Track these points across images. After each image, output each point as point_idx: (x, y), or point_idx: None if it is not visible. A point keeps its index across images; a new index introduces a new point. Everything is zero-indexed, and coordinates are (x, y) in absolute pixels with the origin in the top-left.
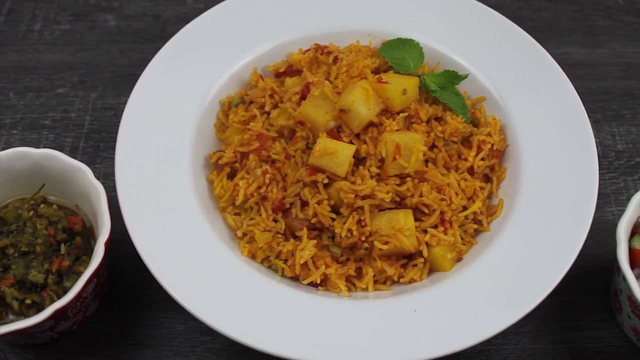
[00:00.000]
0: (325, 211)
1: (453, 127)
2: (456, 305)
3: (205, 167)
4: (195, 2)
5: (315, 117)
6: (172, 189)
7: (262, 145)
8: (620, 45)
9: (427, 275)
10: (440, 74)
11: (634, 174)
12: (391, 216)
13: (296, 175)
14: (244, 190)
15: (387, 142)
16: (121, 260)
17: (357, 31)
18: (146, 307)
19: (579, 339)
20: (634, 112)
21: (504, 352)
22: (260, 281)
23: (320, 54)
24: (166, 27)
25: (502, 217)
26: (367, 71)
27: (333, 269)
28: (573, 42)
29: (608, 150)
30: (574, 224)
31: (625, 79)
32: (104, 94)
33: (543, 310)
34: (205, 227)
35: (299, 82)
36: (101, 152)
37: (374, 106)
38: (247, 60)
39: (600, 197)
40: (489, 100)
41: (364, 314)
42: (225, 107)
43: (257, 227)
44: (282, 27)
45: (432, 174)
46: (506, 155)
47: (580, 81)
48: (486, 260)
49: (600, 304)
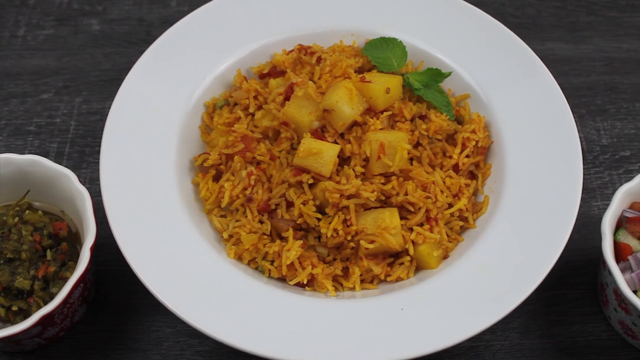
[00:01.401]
0: (310, 211)
1: (437, 125)
2: (443, 303)
3: (190, 170)
4: (179, 4)
5: (299, 118)
6: (158, 192)
7: (246, 146)
8: (603, 41)
9: (414, 273)
10: (424, 72)
11: (619, 168)
12: (377, 215)
13: (281, 176)
14: (230, 192)
15: (371, 141)
16: (108, 264)
17: (341, 31)
18: (134, 311)
19: (566, 334)
20: (618, 107)
21: (493, 348)
22: (247, 283)
23: (303, 54)
24: (150, 30)
25: (487, 213)
26: (351, 71)
27: (320, 269)
28: (556, 38)
29: (593, 145)
30: (559, 219)
31: (609, 74)
32: (88, 99)
33: (531, 306)
34: (191, 230)
35: (282, 83)
36: (87, 157)
37: (358, 105)
38: (231, 62)
39: (585, 192)
40: (473, 98)
41: (351, 313)
42: (209, 110)
43: (243, 228)
44: (265, 28)
45: (417, 172)
46: (491, 152)
47: (564, 77)
48: (472, 257)
49: (587, 298)
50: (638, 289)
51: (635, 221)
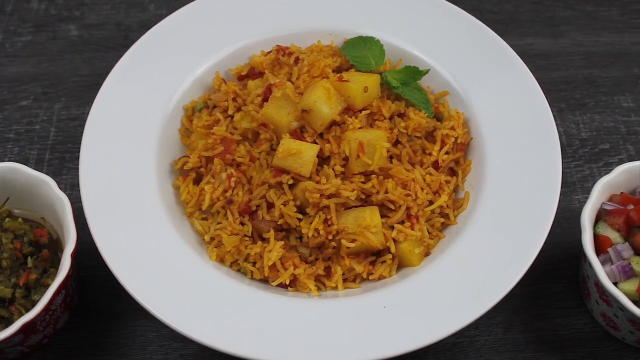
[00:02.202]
0: (291, 212)
1: (416, 123)
2: (426, 300)
3: (171, 174)
4: (158, 8)
5: (278, 119)
6: (138, 197)
7: (226, 149)
8: (581, 35)
9: (396, 271)
10: (402, 70)
11: (599, 161)
12: (357, 214)
13: (261, 177)
14: (210, 195)
15: (350, 140)
16: (91, 270)
17: (319, 31)
18: (117, 317)
19: (550, 327)
20: (597, 101)
21: (477, 344)
22: (230, 285)
23: (282, 55)
24: (129, 35)
25: (468, 209)
26: (329, 71)
27: (302, 269)
28: (535, 33)
29: (573, 139)
30: (540, 214)
31: (587, 68)
32: (68, 105)
33: (514, 301)
34: (172, 234)
35: (261, 85)
36: (67, 164)
37: (336, 105)
38: (210, 64)
39: (566, 186)
40: (452, 95)
41: (334, 313)
42: (189, 113)
43: (224, 231)
44: (244, 30)
45: (397, 170)
46: (471, 148)
47: (543, 72)
48: (454, 254)
49: (570, 292)
50: (619, 280)
51: (615, 214)
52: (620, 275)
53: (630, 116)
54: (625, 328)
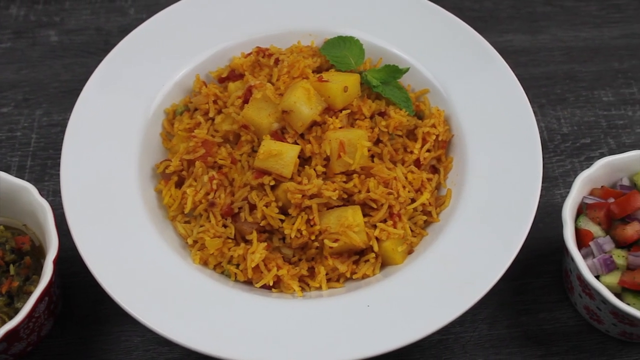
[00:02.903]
0: (273, 213)
1: (397, 121)
2: (409, 297)
3: (153, 178)
4: (138, 12)
5: (258, 120)
6: (120, 201)
7: (207, 151)
8: (560, 30)
9: (380, 270)
10: (381, 69)
11: (580, 155)
12: (339, 213)
13: (243, 179)
14: (192, 198)
15: (331, 140)
16: (75, 276)
17: (299, 32)
18: (102, 322)
19: (534, 322)
20: (577, 95)
21: (462, 340)
22: (213, 288)
23: (261, 56)
24: (109, 39)
25: (450, 206)
26: (308, 71)
27: (285, 270)
28: (514, 29)
29: (554, 133)
30: (521, 209)
31: (567, 63)
32: (49, 111)
33: (498, 296)
34: (155, 238)
35: (241, 87)
36: (49, 170)
37: (316, 105)
38: (190, 67)
39: (548, 180)
40: (433, 92)
41: (318, 312)
42: (170, 116)
43: (207, 233)
44: (224, 32)
45: (378, 168)
46: (452, 145)
47: (523, 67)
48: (436, 251)
49: (553, 286)
50: (600, 273)
51: (595, 207)
52: (601, 268)
53: (611, 110)
54: (608, 320)
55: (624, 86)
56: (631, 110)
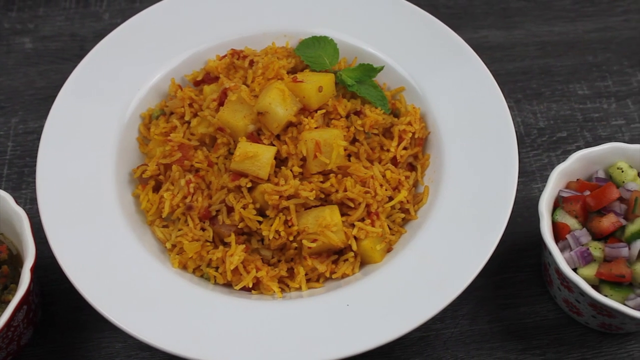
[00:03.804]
0: (251, 215)
1: (373, 120)
2: (389, 295)
3: (130, 183)
4: (112, 17)
5: (234, 122)
6: (98, 207)
7: (184, 155)
8: (535, 25)
9: (359, 269)
10: (356, 68)
11: (556, 149)
12: (317, 213)
13: (220, 182)
14: (170, 202)
15: (306, 140)
16: (54, 284)
17: (273, 33)
18: (82, 329)
19: (515, 316)
20: (553, 89)
21: (443, 336)
22: (193, 291)
23: (236, 58)
24: (84, 45)
25: (428, 204)
26: (283, 72)
27: (264, 271)
28: (489, 25)
29: (530, 128)
30: (498, 204)
31: (542, 58)
32: (25, 118)
33: (478, 292)
34: (134, 243)
35: (216, 89)
36: (26, 178)
37: (291, 106)
38: (166, 71)
39: (525, 175)
40: (408, 90)
41: (298, 313)
42: (146, 121)
43: (185, 237)
44: (198, 35)
45: (355, 167)
46: (429, 143)
47: (499, 63)
48: (415, 248)
49: (533, 280)
50: (578, 266)
51: (572, 200)
52: (579, 260)
53: (586, 103)
54: (587, 313)
55: (598, 79)
56: (606, 103)
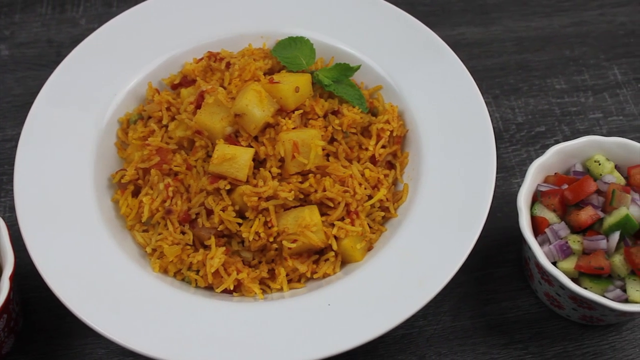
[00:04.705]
0: (230, 217)
1: (350, 119)
2: (370, 293)
3: (109, 188)
4: (89, 22)
5: (211, 125)
6: (77, 213)
7: (162, 159)
8: (511, 21)
9: (340, 268)
10: (333, 67)
11: (535, 144)
12: (297, 214)
13: (199, 185)
14: (149, 206)
15: (284, 141)
16: (35, 292)
17: (250, 34)
18: (65, 336)
19: (497, 311)
20: (530, 84)
21: (426, 333)
22: (175, 295)
23: (213, 61)
24: (61, 51)
25: (408, 201)
26: (260, 73)
27: (245, 273)
28: (466, 22)
29: (509, 123)
30: (477, 200)
31: (519, 53)
32: (2, 126)
33: (460, 288)
34: (114, 249)
35: (193, 92)
36: (5, 186)
37: (268, 107)
38: (143, 75)
39: (505, 170)
40: (386, 89)
41: (280, 314)
42: (124, 125)
43: (165, 241)
44: (175, 38)
45: (334, 167)
46: (407, 140)
47: (477, 59)
48: (395, 246)
49: (514, 275)
50: (557, 259)
51: (550, 194)
52: (558, 254)
53: (564, 97)
54: (568, 305)
55: (575, 73)
56: (584, 96)
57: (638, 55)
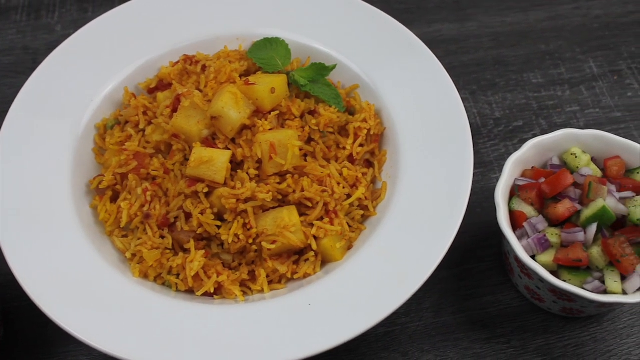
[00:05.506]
0: (209, 220)
1: (327, 119)
2: (351, 292)
3: (87, 194)
4: (65, 28)
5: (188, 128)
6: (56, 220)
7: (140, 163)
8: (487, 17)
9: (321, 268)
10: (308, 67)
11: (513, 138)
12: (275, 215)
13: (177, 188)
14: (127, 211)
15: (261, 142)
16: (15, 301)
17: (226, 36)
18: (47, 345)
19: (478, 306)
20: (507, 79)
21: (408, 330)
22: (155, 300)
23: (189, 64)
24: (37, 58)
25: (386, 199)
26: (235, 75)
27: (225, 275)
28: (442, 19)
29: (487, 119)
30: (454, 196)
31: (495, 49)
32: None
33: (441, 284)
34: (93, 255)
35: (170, 96)
36: None
37: (245, 109)
38: (119, 80)
39: (483, 165)
40: (363, 87)
41: (261, 315)
42: (101, 131)
43: (144, 246)
44: (151, 42)
45: (312, 167)
46: (385, 138)
47: (453, 56)
48: (374, 244)
49: (494, 269)
50: (536, 253)
51: (527, 188)
52: (536, 247)
53: (540, 91)
54: (548, 298)
55: (552, 67)
56: (560, 90)
57: (613, 47)
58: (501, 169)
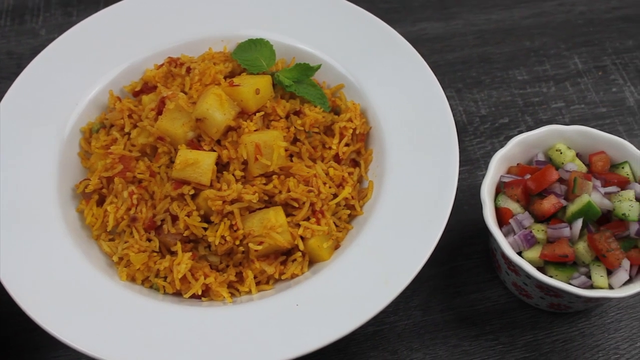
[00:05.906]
0: (195, 222)
1: (312, 119)
2: (338, 292)
3: (74, 198)
4: (49, 33)
5: (173, 131)
6: (42, 225)
7: (125, 167)
8: (472, 15)
9: (308, 268)
10: (293, 68)
11: (499, 135)
12: (262, 216)
13: (163, 191)
14: (114, 215)
15: (246, 143)
16: (3, 307)
17: (210, 38)
18: (36, 350)
19: (466, 303)
20: (492, 77)
21: (397, 329)
22: (143, 303)
23: (173, 66)
24: (21, 62)
25: (373, 198)
26: (220, 77)
27: (212, 277)
28: (427, 17)
29: (473, 116)
30: (440, 194)
31: (480, 46)
32: None
33: (430, 282)
34: (80, 259)
35: (155, 99)
36: None
37: (229, 110)
38: (104, 84)
39: (470, 163)
40: (348, 87)
41: (249, 317)
42: (86, 135)
43: (131, 249)
44: (135, 45)
45: (297, 167)
46: (371, 138)
47: (439, 54)
48: (361, 244)
49: (482, 266)
50: (522, 249)
51: (513, 185)
52: (523, 243)
53: (526, 88)
54: (535, 294)
55: (537, 64)
56: (545, 86)
57: (597, 43)
58: (487, 166)
